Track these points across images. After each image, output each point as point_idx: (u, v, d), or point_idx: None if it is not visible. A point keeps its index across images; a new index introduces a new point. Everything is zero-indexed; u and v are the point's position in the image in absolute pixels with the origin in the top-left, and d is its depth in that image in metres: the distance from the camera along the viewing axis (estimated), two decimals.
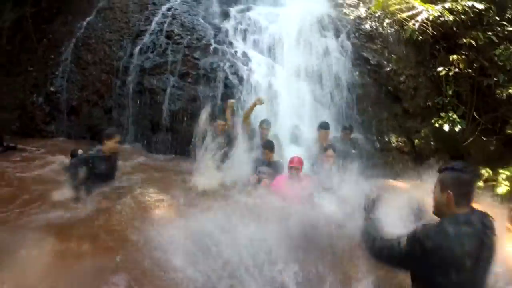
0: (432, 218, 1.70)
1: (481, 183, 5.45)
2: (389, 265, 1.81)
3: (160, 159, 5.53)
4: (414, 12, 6.01)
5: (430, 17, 5.88)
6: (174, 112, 5.76)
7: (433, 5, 5.94)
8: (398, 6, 6.12)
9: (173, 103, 5.78)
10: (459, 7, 5.83)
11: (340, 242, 2.87)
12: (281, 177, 3.91)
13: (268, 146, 4.20)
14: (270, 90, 5.50)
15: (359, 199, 2.10)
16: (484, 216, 1.63)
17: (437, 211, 1.69)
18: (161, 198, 3.53)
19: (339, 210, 3.57)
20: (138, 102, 6.08)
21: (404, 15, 6.07)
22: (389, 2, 6.07)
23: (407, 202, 2.92)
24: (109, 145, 3.74)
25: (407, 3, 6.06)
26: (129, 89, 6.16)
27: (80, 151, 4.87)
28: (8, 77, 7.59)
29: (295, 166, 3.75)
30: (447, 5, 5.87)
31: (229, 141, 4.38)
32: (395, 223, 2.31)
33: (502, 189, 5.04)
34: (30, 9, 7.90)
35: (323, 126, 4.70)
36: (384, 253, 1.72)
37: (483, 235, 1.58)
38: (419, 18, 5.93)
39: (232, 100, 4.83)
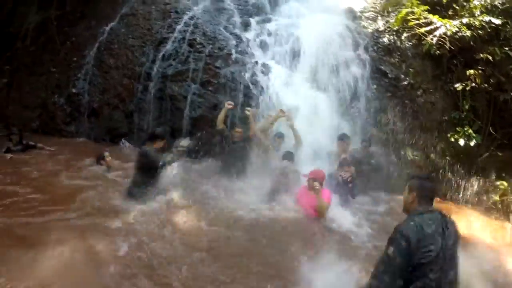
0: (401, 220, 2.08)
1: (496, 197, 5.50)
2: (391, 283, 1.91)
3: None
4: (432, 27, 6.08)
5: (448, 32, 5.95)
6: (195, 119, 5.91)
7: (451, 21, 6.01)
8: (416, 21, 6.19)
9: (194, 110, 5.93)
10: (477, 23, 5.88)
11: None
12: (303, 187, 4.00)
13: (288, 156, 4.32)
14: (288, 101, 5.62)
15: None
16: (442, 213, 2.06)
17: (405, 208, 2.19)
18: None
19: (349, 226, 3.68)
20: (159, 107, 6.24)
21: (423, 30, 6.15)
22: (408, 18, 6.15)
23: None
24: (160, 145, 3.93)
25: (425, 18, 6.14)
26: (151, 95, 6.32)
27: (106, 153, 5.04)
28: (31, 77, 7.83)
29: (312, 177, 3.84)
30: (465, 20, 5.93)
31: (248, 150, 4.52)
32: None
33: None
34: (55, 12, 8.16)
35: (342, 138, 4.80)
36: (381, 277, 1.92)
37: (443, 224, 1.99)
38: (437, 33, 6.00)
39: (253, 109, 4.94)
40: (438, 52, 6.20)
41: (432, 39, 5.99)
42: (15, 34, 8.13)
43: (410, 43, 6.61)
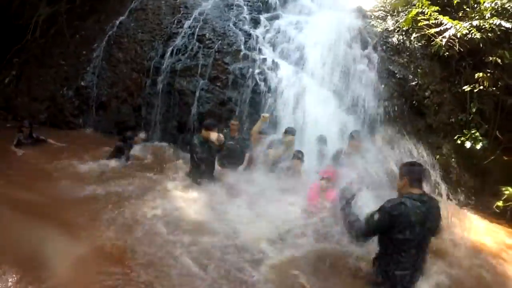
0: (396, 196, 2.53)
1: (500, 203, 5.50)
2: (366, 236, 2.49)
3: None
4: (442, 28, 6.07)
5: (458, 34, 5.93)
6: (202, 114, 5.95)
7: (461, 22, 5.99)
8: (426, 22, 6.18)
9: (202, 106, 5.97)
10: (487, 25, 5.86)
11: None
12: (314, 185, 4.05)
13: (298, 155, 4.36)
14: (296, 98, 5.64)
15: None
16: (432, 198, 2.53)
17: (399, 191, 2.56)
18: None
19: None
20: (167, 102, 6.29)
21: (432, 30, 6.13)
22: (418, 18, 6.13)
23: None
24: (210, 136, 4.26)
25: (435, 19, 6.12)
26: (159, 89, 6.37)
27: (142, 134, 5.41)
28: (40, 69, 7.89)
29: (325, 176, 3.86)
30: (475, 22, 5.91)
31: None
32: None
33: None
34: (65, 5, 8.20)
35: (353, 135, 4.78)
36: (363, 228, 2.44)
37: (431, 210, 2.43)
38: (446, 34, 5.99)
39: (266, 114, 4.97)
40: (447, 53, 6.19)
41: (441, 40, 5.98)
42: (24, 27, 8.18)
43: (419, 44, 6.59)
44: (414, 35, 6.64)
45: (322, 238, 3.25)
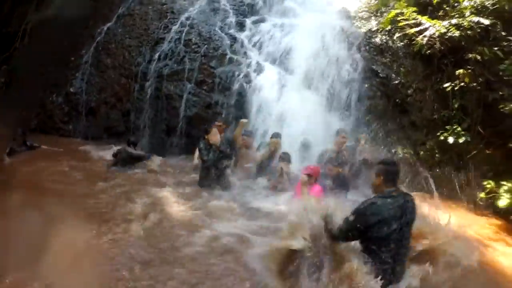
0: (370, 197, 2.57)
1: (483, 195, 5.62)
2: (346, 237, 2.54)
3: None
4: (422, 28, 6.20)
5: (437, 33, 6.07)
6: (190, 117, 6.05)
7: (440, 21, 6.13)
8: (406, 22, 6.31)
9: (189, 109, 6.07)
10: (465, 23, 5.99)
11: None
12: (299, 183, 4.15)
13: (285, 158, 4.46)
14: (281, 100, 5.75)
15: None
16: (406, 194, 2.56)
17: (373, 190, 2.62)
18: None
19: None
20: (156, 106, 6.37)
21: (412, 30, 6.27)
22: (398, 18, 6.26)
23: None
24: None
25: (415, 19, 6.25)
26: (147, 94, 6.46)
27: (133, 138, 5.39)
28: (29, 76, 7.93)
29: (306, 173, 3.98)
30: (454, 21, 6.04)
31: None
32: None
33: (503, 202, 5.15)
34: (52, 12, 8.26)
35: (338, 133, 4.88)
36: (343, 230, 2.49)
37: (404, 205, 2.46)
38: (427, 33, 6.13)
39: (244, 120, 5.07)
40: (429, 52, 6.33)
41: (422, 40, 6.12)
42: (13, 34, 8.23)
43: (402, 43, 6.73)
44: (396, 34, 6.78)
45: None
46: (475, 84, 6.10)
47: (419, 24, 6.08)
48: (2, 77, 8.18)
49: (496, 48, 5.99)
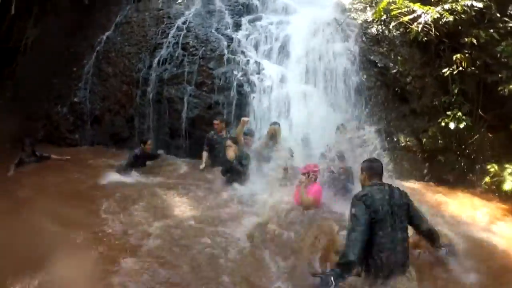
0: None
1: (487, 179, 5.63)
2: (362, 241, 2.50)
3: None
4: (415, 15, 6.18)
5: (430, 19, 6.04)
6: (192, 119, 6.16)
7: (433, 7, 6.09)
8: (399, 10, 6.29)
9: (191, 111, 6.17)
10: (459, 7, 5.95)
11: None
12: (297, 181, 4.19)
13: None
14: (281, 96, 5.82)
15: None
16: (390, 186, 2.73)
17: (361, 183, 2.86)
18: None
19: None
20: (158, 110, 6.49)
21: (406, 18, 6.26)
22: (391, 7, 6.24)
23: None
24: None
25: (407, 7, 6.22)
26: (149, 99, 6.57)
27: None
28: (33, 89, 8.09)
29: (304, 172, 3.99)
30: (447, 6, 6.00)
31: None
32: None
33: (508, 185, 5.14)
34: (52, 25, 8.40)
35: (338, 128, 4.91)
36: (351, 232, 2.53)
37: (390, 193, 2.65)
38: (421, 20, 6.11)
39: (245, 118, 5.13)
40: (425, 39, 6.32)
41: (417, 27, 6.12)
42: (14, 49, 8.38)
43: (398, 32, 6.73)
44: (392, 23, 6.78)
45: None
46: (473, 68, 6.09)
47: (413, 12, 6.07)
48: (7, 91, 8.34)
49: (492, 30, 5.98)
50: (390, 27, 6.80)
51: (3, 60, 8.28)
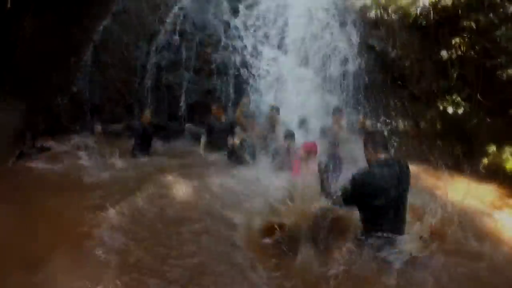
0: (365, 166, 2.64)
1: (485, 161, 5.62)
2: (347, 204, 2.62)
3: None
4: None
5: (429, 2, 5.99)
6: (190, 105, 6.18)
7: None
8: None
9: (190, 97, 6.21)
10: None
11: None
12: (295, 160, 4.24)
13: (290, 136, 4.55)
14: (278, 80, 5.82)
15: None
16: (399, 160, 2.61)
17: (367, 159, 2.67)
18: None
19: None
20: (157, 98, 6.52)
21: (404, 2, 6.21)
22: None
23: None
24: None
25: None
26: (148, 86, 6.59)
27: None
28: (33, 82, 8.11)
29: (306, 150, 4.06)
30: None
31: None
32: None
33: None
34: (51, 17, 8.38)
35: (335, 112, 4.93)
36: (343, 198, 2.59)
37: (399, 171, 2.49)
38: (419, 3, 6.06)
39: (245, 100, 5.17)
40: (424, 23, 6.27)
41: (416, 10, 6.07)
42: (13, 43, 8.38)
43: (397, 16, 6.68)
44: (391, 8, 6.72)
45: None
46: (472, 52, 6.05)
47: None
48: (7, 86, 8.36)
49: (491, 15, 5.91)
50: (389, 11, 6.75)
51: (2, 55, 8.29)
